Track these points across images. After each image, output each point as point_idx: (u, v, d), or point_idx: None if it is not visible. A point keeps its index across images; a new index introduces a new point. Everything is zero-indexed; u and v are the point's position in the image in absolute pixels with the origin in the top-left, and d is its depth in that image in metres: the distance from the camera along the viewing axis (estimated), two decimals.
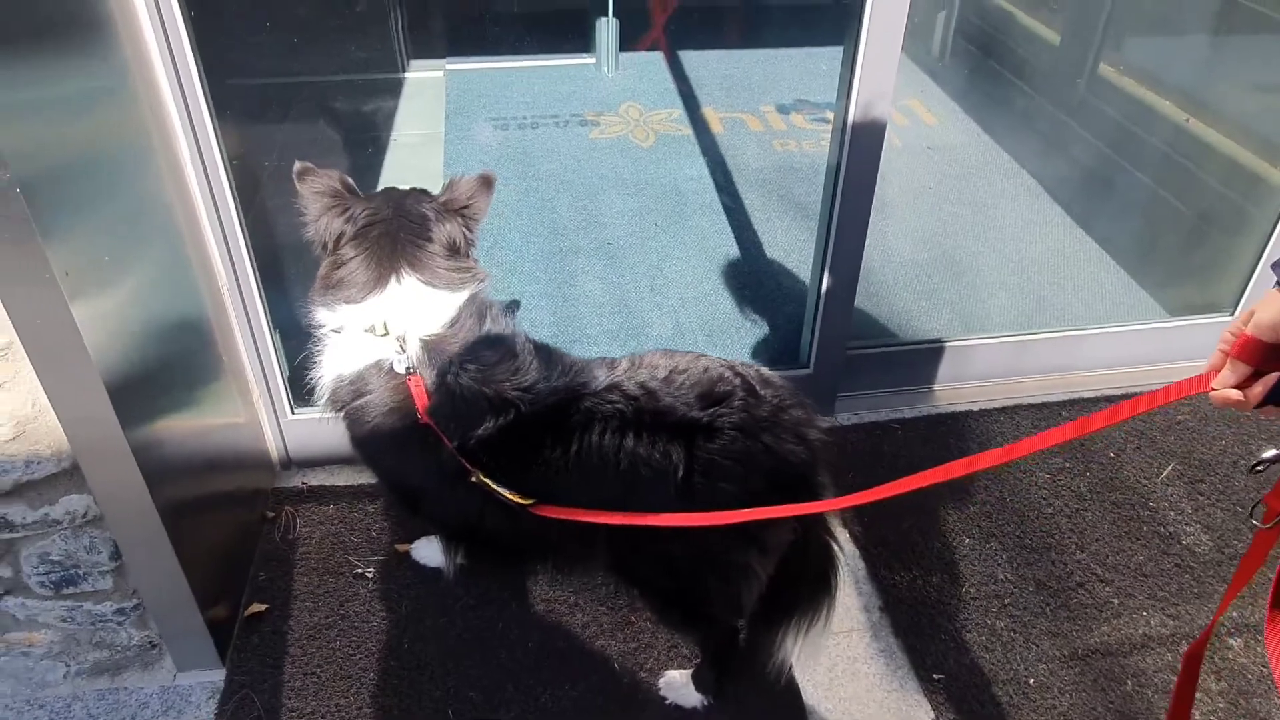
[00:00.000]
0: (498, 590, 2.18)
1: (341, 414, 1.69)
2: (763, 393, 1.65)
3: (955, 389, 2.79)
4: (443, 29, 4.73)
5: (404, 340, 1.60)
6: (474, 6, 4.96)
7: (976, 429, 2.66)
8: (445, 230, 1.68)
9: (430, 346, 1.63)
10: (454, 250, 1.68)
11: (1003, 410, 2.72)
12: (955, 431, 2.65)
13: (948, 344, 2.74)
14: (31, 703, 1.98)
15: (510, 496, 1.56)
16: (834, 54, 4.79)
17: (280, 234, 2.39)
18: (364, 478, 2.46)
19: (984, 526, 2.38)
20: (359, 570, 2.21)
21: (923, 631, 2.13)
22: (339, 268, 1.64)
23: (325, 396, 1.70)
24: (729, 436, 1.56)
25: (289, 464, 2.46)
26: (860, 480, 2.45)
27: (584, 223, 3.41)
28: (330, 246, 1.67)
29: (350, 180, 1.73)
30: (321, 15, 4.10)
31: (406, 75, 4.41)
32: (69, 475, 1.67)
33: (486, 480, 1.56)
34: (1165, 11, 3.81)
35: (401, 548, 2.26)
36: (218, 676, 2.01)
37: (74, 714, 1.96)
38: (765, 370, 1.73)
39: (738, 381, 1.65)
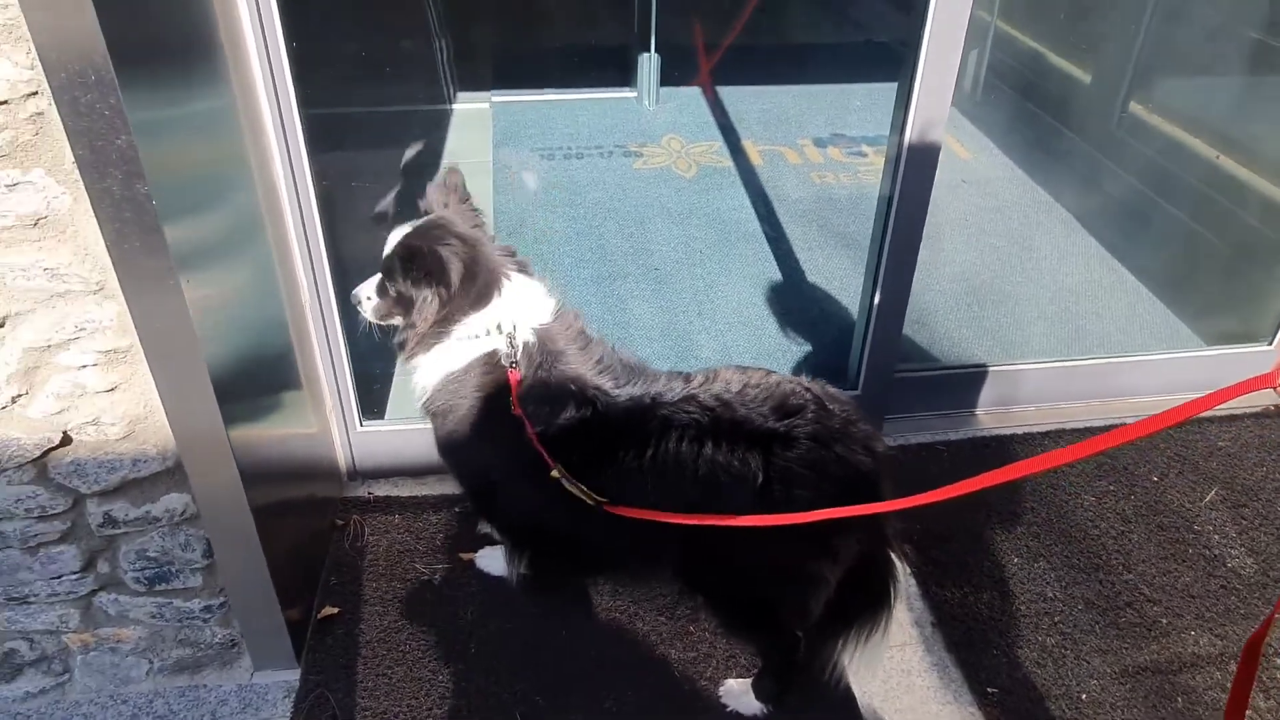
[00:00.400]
0: (560, 600, 2.24)
1: (436, 410, 1.80)
2: (831, 407, 1.73)
3: (999, 413, 2.85)
4: (488, 63, 4.90)
5: (513, 334, 1.74)
6: (518, 42, 5.13)
7: (1021, 452, 2.72)
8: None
9: (539, 337, 1.77)
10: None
11: (1046, 434, 2.78)
12: (1000, 454, 2.71)
13: (991, 369, 2.81)
14: (115, 698, 2.05)
15: (584, 492, 1.64)
16: (868, 90, 4.97)
17: (353, 254, 2.50)
18: (426, 489, 2.54)
19: (1031, 547, 2.43)
20: (425, 577, 2.29)
21: (975, 647, 2.18)
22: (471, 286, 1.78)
23: (427, 395, 1.81)
24: (805, 446, 1.64)
25: (355, 474, 2.55)
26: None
27: (631, 249, 3.52)
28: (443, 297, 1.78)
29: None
30: (374, 50, 4.27)
31: (454, 107, 4.56)
32: (171, 474, 1.76)
33: (564, 474, 1.65)
34: (1193, 53, 3.92)
35: (466, 556, 2.33)
36: (292, 676, 2.08)
37: (155, 709, 2.03)
38: (830, 388, 1.81)
39: (809, 395, 1.73)
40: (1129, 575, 2.36)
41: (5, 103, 1.36)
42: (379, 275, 1.87)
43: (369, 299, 1.89)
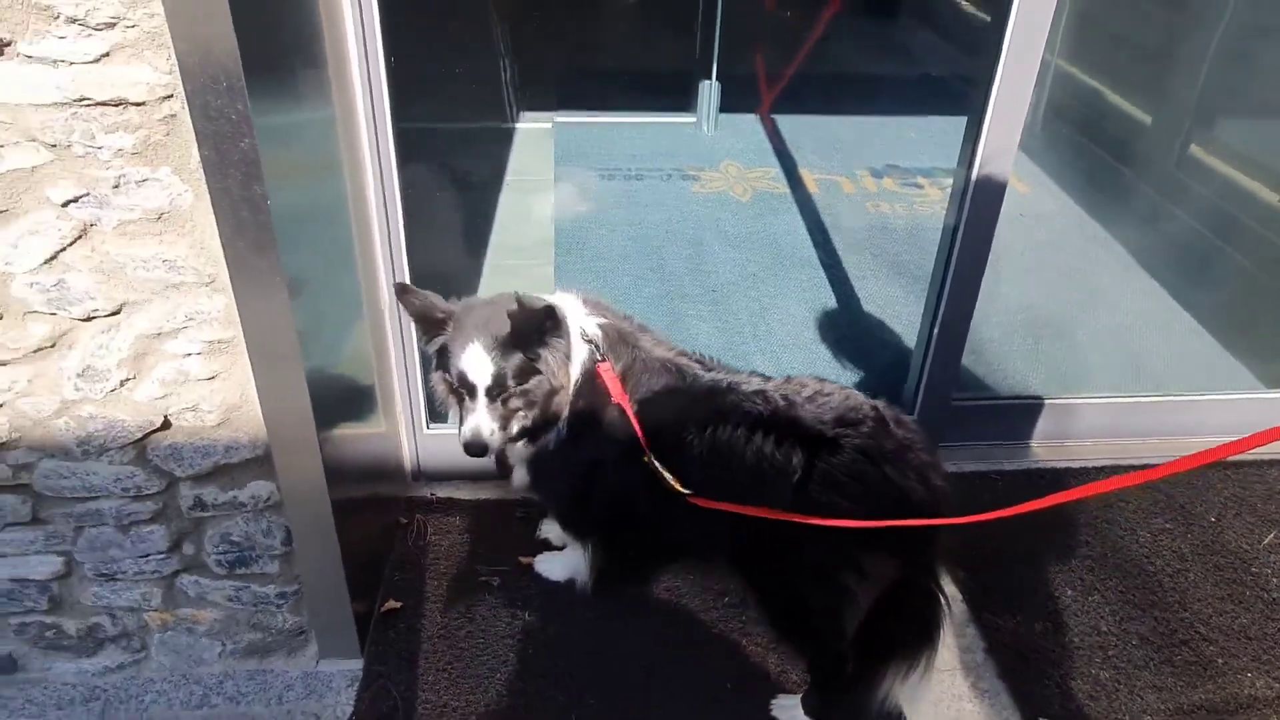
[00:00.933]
0: (617, 606, 2.29)
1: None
2: (895, 430, 1.77)
3: (1054, 446, 2.86)
4: (552, 84, 5.03)
5: (584, 332, 1.85)
6: (581, 65, 5.26)
7: (1076, 484, 2.71)
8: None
9: (606, 332, 1.87)
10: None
11: (1101, 470, 2.78)
12: (1054, 486, 2.71)
13: (1047, 401, 2.82)
14: (187, 678, 2.13)
15: (670, 481, 1.70)
16: (925, 123, 5.02)
17: (428, 262, 2.60)
18: (485, 493, 2.61)
19: (1086, 580, 2.43)
20: (485, 578, 2.35)
21: (1027, 676, 2.18)
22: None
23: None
24: (850, 456, 1.69)
25: (419, 475, 2.63)
26: (963, 529, 2.54)
27: (689, 270, 3.59)
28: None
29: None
30: (444, 69, 4.42)
31: (517, 126, 4.69)
32: (259, 462, 1.85)
33: (654, 462, 1.72)
34: (1255, 95, 3.91)
35: (524, 560, 2.39)
36: (355, 666, 2.15)
37: (225, 690, 2.11)
38: (904, 415, 1.84)
39: (872, 413, 1.77)
40: (1185, 613, 2.35)
41: (142, 104, 1.46)
42: (482, 401, 1.81)
43: (493, 429, 1.82)
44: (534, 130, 4.67)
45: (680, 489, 1.73)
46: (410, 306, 1.84)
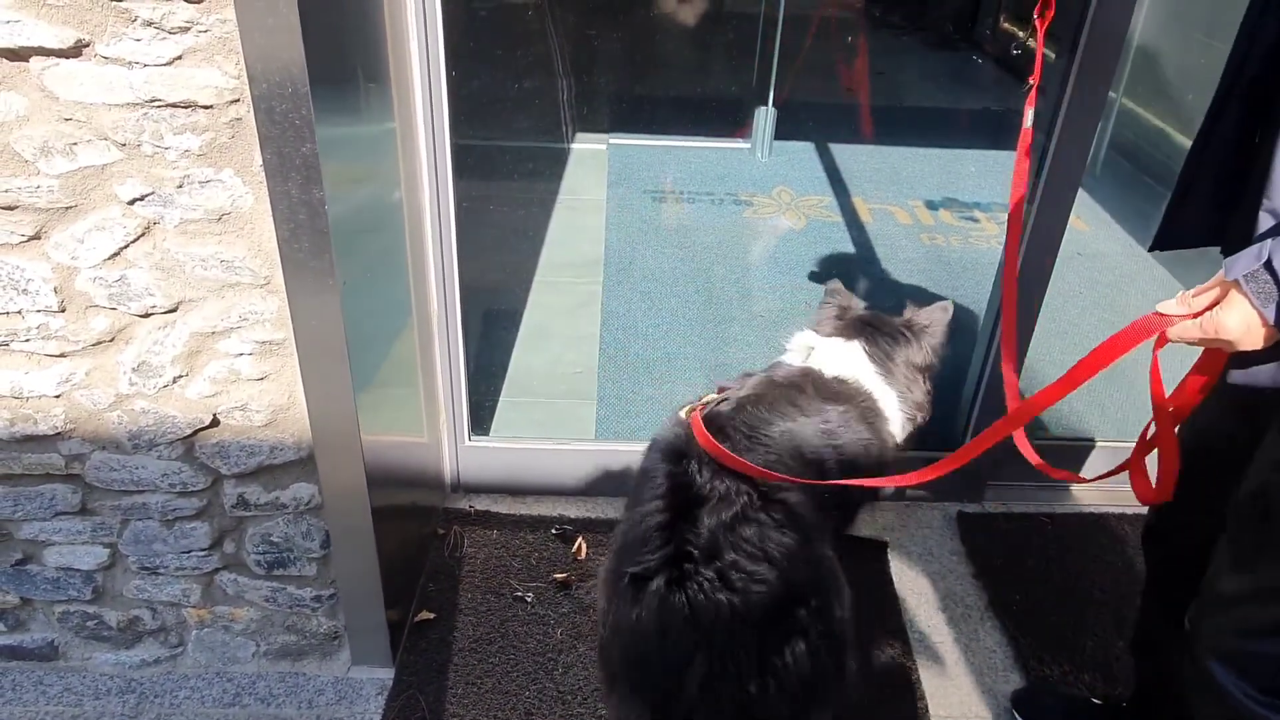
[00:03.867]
0: None
1: None
2: None
3: (1107, 490, 2.76)
4: (607, 106, 5.08)
5: (810, 351, 1.94)
6: (638, 88, 5.31)
7: (1130, 531, 2.62)
8: (908, 350, 2.00)
9: (803, 375, 1.89)
10: (914, 364, 2.01)
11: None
12: (1105, 531, 2.62)
13: (1101, 444, 2.73)
14: (221, 675, 2.14)
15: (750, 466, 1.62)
16: (982, 156, 4.95)
17: (477, 276, 2.62)
18: (524, 509, 2.60)
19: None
20: (519, 594, 2.33)
21: None
22: (821, 322, 2.10)
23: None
24: None
25: (458, 487, 2.63)
26: (1008, 569, 2.47)
27: (738, 294, 3.57)
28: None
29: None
30: (502, 87, 4.49)
31: (572, 146, 4.73)
32: (302, 464, 1.87)
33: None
34: None
35: (559, 577, 2.37)
36: (386, 675, 2.14)
37: (257, 690, 2.12)
38: None
39: None
40: None
41: (210, 107, 1.50)
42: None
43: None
44: (589, 151, 4.71)
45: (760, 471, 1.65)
46: None
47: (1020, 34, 6.07)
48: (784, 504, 1.57)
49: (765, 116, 4.66)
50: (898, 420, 1.95)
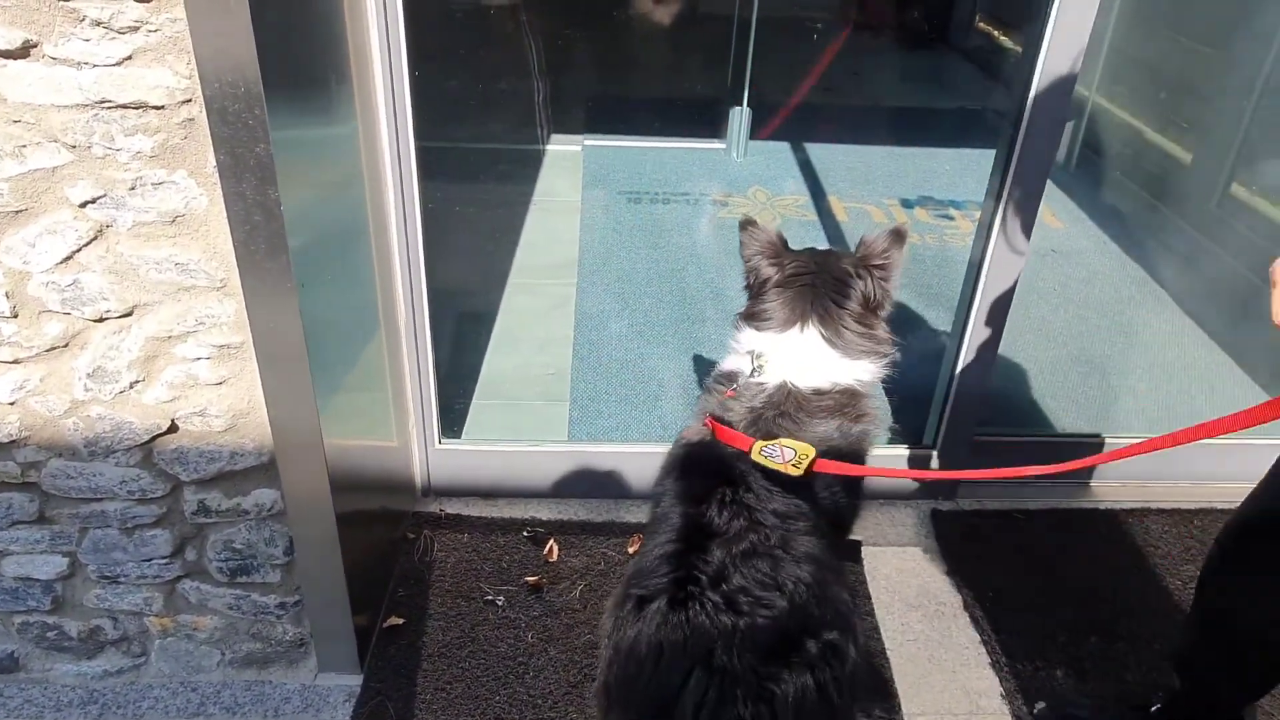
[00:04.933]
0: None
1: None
2: None
3: (1083, 486, 2.77)
4: (583, 108, 5.06)
5: (761, 367, 1.73)
6: (613, 89, 5.30)
7: (1102, 526, 2.63)
8: (861, 288, 1.79)
9: (784, 395, 1.71)
10: (868, 307, 1.80)
11: (1130, 512, 2.68)
12: (1079, 527, 2.63)
13: (1077, 440, 2.74)
14: (185, 685, 2.11)
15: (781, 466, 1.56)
16: (958, 155, 4.97)
17: (449, 278, 2.60)
18: (496, 511, 2.58)
19: (1114, 630, 2.33)
20: (490, 597, 2.31)
21: None
22: (762, 305, 1.82)
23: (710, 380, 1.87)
24: None
25: (429, 490, 2.61)
26: (982, 566, 2.46)
27: (711, 294, 3.56)
28: (757, 288, 1.85)
29: (784, 236, 1.91)
30: (476, 88, 4.47)
31: (547, 148, 4.72)
32: (264, 470, 1.84)
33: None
34: None
35: (530, 580, 2.35)
36: (354, 681, 2.12)
37: (222, 700, 2.09)
38: None
39: None
40: None
41: (161, 108, 1.47)
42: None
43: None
44: (564, 152, 4.69)
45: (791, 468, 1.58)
46: None
47: (996, 34, 6.11)
48: (801, 542, 1.52)
49: (740, 117, 4.66)
50: (874, 375, 1.85)
